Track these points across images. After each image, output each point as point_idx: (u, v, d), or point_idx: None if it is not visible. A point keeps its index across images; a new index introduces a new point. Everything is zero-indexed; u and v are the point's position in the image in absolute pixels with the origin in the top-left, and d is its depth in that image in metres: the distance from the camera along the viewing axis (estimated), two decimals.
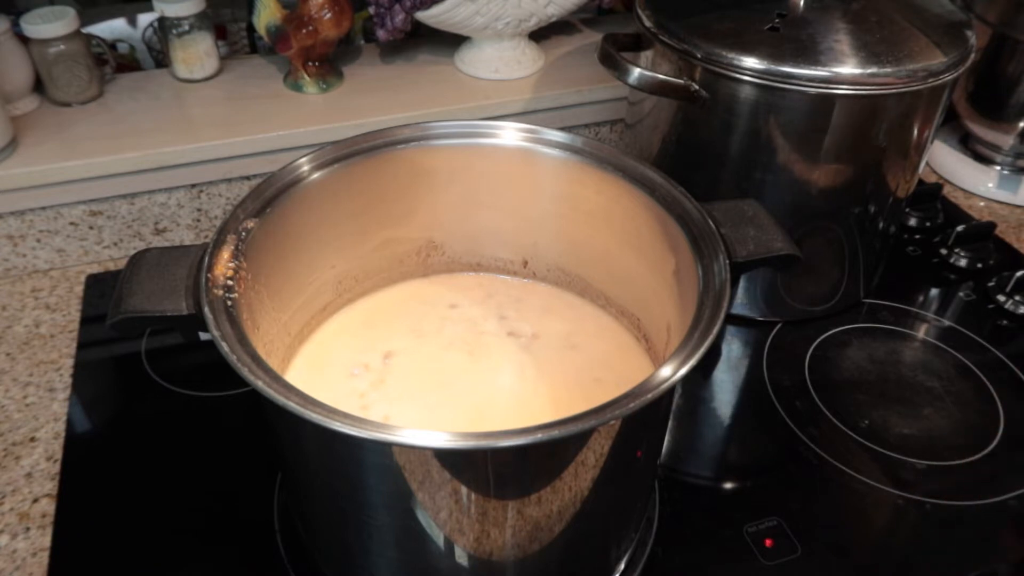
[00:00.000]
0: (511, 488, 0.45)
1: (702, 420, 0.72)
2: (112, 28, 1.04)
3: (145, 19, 1.04)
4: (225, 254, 0.50)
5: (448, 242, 0.68)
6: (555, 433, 0.40)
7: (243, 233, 0.52)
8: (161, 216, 0.86)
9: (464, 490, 0.44)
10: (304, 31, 0.86)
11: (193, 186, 0.85)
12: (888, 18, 0.69)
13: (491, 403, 0.60)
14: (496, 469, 0.44)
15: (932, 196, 0.93)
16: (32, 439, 0.67)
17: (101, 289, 0.83)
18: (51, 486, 0.63)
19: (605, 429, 0.44)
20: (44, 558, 0.58)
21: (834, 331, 0.79)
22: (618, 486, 0.50)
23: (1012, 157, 0.98)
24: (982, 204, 0.98)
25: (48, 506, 0.62)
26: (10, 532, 0.60)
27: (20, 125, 0.83)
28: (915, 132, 0.70)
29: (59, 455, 0.65)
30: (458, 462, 0.43)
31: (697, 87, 0.69)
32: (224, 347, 0.44)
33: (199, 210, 0.87)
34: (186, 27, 0.88)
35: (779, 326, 0.79)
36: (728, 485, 0.66)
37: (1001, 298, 0.82)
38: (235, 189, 0.87)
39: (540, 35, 0.99)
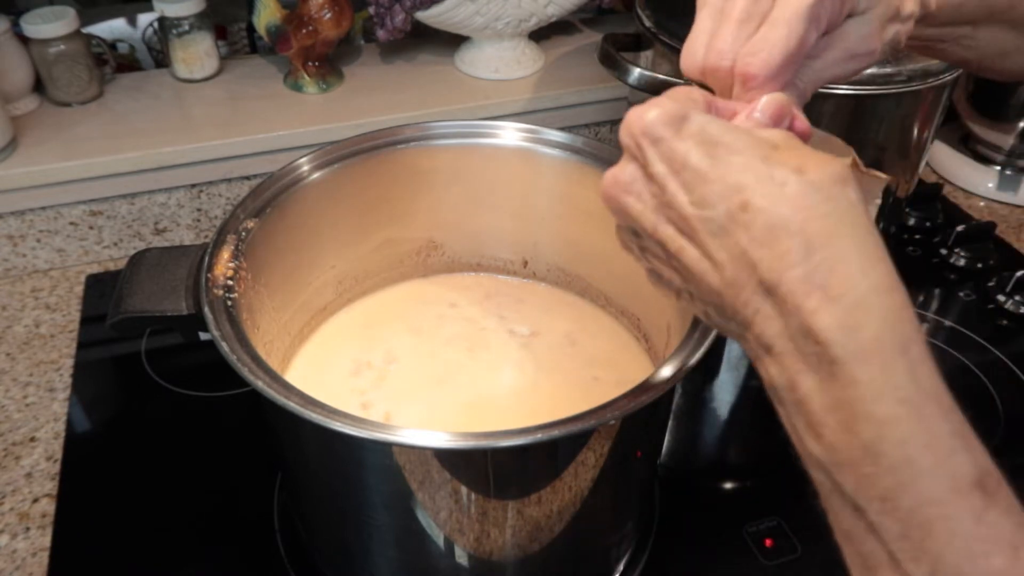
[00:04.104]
0: (511, 488, 0.45)
1: (702, 420, 0.72)
2: (112, 28, 1.04)
3: (145, 19, 1.04)
4: (225, 254, 0.50)
5: (448, 242, 0.68)
6: (555, 433, 0.40)
7: (243, 233, 0.52)
8: (161, 216, 0.86)
9: (464, 490, 0.44)
10: (304, 31, 0.86)
11: (193, 186, 0.85)
12: None
13: (490, 400, 0.60)
14: (496, 469, 0.44)
15: (932, 196, 0.93)
16: (32, 439, 0.67)
17: (101, 289, 0.83)
18: (51, 486, 0.63)
19: (605, 429, 0.44)
20: (44, 558, 0.58)
21: None
22: (618, 486, 0.50)
23: (1012, 157, 0.98)
24: (982, 204, 0.98)
25: (48, 506, 0.62)
26: (10, 532, 0.60)
27: (20, 125, 0.83)
28: (915, 132, 0.70)
29: (59, 455, 0.65)
30: (458, 462, 0.43)
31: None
32: (224, 347, 0.44)
33: (199, 210, 0.87)
34: (186, 27, 0.88)
35: None
36: (728, 485, 0.66)
37: (1001, 298, 0.82)
38: (235, 189, 0.87)
39: (540, 35, 0.99)
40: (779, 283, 0.27)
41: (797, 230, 0.27)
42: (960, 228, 0.88)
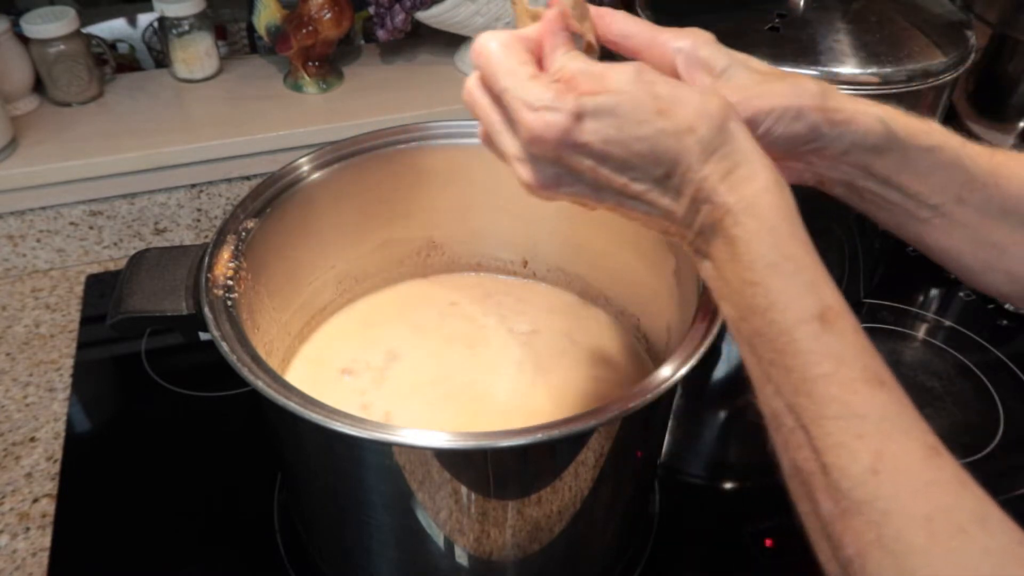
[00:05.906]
0: (511, 488, 0.45)
1: (702, 420, 0.72)
2: (112, 28, 1.04)
3: (145, 19, 1.04)
4: (225, 254, 0.50)
5: (448, 242, 0.68)
6: (555, 433, 0.40)
7: (243, 233, 0.52)
8: (161, 216, 0.86)
9: (464, 490, 0.44)
10: (304, 31, 0.86)
11: (193, 186, 0.85)
12: (888, 18, 0.69)
13: (490, 400, 0.60)
14: (496, 469, 0.44)
15: None
16: (32, 439, 0.67)
17: (101, 289, 0.83)
18: (51, 486, 0.63)
19: (605, 429, 0.44)
20: (44, 558, 0.58)
21: None
22: (618, 486, 0.50)
23: None
24: None
25: (48, 506, 0.62)
26: (10, 532, 0.60)
27: (20, 125, 0.83)
28: None
29: (59, 455, 0.65)
30: (458, 462, 0.43)
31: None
32: (224, 347, 0.44)
33: (199, 210, 0.87)
34: (186, 27, 0.88)
35: None
36: (728, 485, 0.66)
37: None
38: (235, 189, 0.87)
39: None
40: (704, 194, 0.36)
41: (696, 158, 0.35)
42: None
